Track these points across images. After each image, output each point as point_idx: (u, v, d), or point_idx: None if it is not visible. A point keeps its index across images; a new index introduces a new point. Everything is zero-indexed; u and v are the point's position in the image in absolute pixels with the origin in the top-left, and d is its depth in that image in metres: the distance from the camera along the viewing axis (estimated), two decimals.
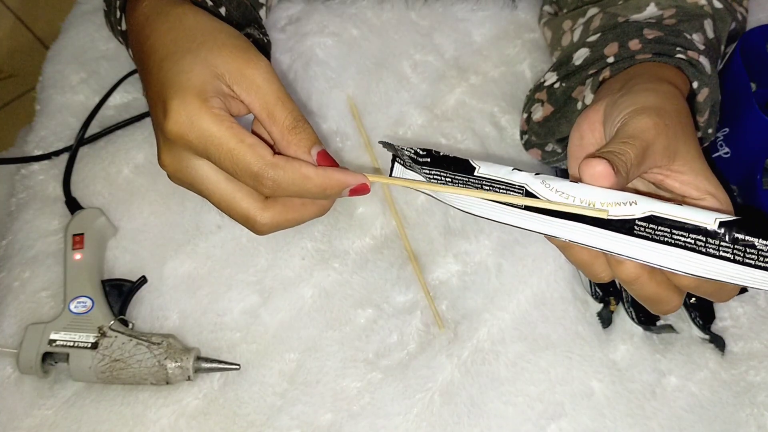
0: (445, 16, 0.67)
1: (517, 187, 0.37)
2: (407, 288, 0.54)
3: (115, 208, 0.57)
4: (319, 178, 0.39)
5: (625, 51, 0.47)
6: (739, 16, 0.54)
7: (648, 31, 0.48)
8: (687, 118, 0.41)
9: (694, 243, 0.33)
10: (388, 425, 0.49)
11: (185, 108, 0.38)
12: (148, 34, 0.43)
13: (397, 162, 0.42)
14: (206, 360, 0.50)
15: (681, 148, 0.38)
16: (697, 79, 0.46)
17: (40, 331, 0.50)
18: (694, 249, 0.33)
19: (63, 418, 0.49)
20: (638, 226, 0.34)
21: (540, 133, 0.53)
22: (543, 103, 0.53)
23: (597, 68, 0.49)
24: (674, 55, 0.46)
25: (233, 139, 0.38)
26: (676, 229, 0.33)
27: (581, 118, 0.43)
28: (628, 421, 0.49)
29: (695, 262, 0.33)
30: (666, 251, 0.33)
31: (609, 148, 0.36)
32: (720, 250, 0.32)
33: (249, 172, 0.38)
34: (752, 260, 0.32)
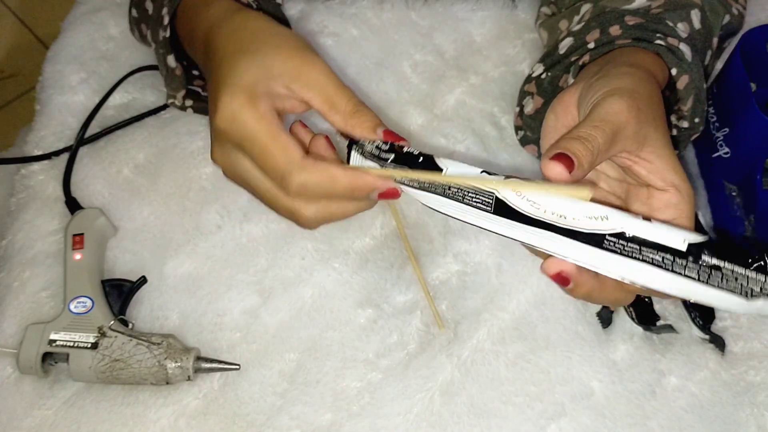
0: (445, 16, 0.67)
1: (487, 194, 0.37)
2: (407, 288, 0.54)
3: (115, 208, 0.57)
4: (347, 179, 0.40)
5: (605, 36, 0.47)
6: (735, 11, 0.54)
7: (629, 17, 0.48)
8: (659, 105, 0.41)
9: (662, 260, 0.33)
10: (388, 425, 0.49)
11: (231, 104, 0.40)
12: (213, 39, 0.45)
13: (354, 150, 0.42)
14: (206, 360, 0.50)
15: (651, 134, 0.39)
16: (676, 66, 0.45)
17: (40, 331, 0.50)
18: (661, 266, 0.33)
19: (63, 418, 0.49)
20: (608, 240, 0.34)
21: (533, 126, 0.54)
22: (533, 95, 0.53)
23: (579, 55, 0.49)
24: (653, 41, 0.46)
25: (267, 137, 0.40)
26: (646, 246, 0.34)
27: (556, 100, 0.44)
28: (627, 421, 0.49)
29: (661, 279, 0.33)
30: (634, 266, 0.34)
31: (578, 132, 0.37)
32: (686, 270, 0.33)
33: (277, 171, 0.40)
34: (715, 282, 0.33)
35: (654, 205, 0.40)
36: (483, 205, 0.37)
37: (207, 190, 0.58)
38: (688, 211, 0.39)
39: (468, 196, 0.37)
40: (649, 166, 0.39)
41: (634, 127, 0.38)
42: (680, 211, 0.39)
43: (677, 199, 0.39)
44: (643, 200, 0.41)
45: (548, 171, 0.35)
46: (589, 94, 0.41)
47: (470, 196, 0.37)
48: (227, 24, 0.45)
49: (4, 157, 0.60)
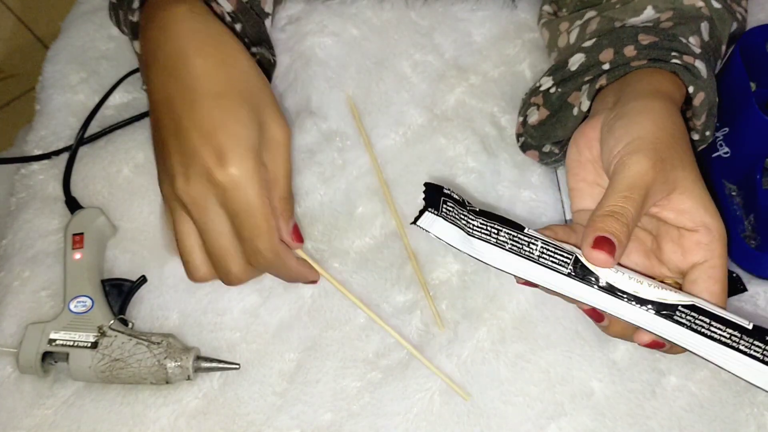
0: (445, 16, 0.67)
1: (567, 253, 0.38)
2: (407, 287, 0.54)
3: (115, 208, 0.57)
4: (296, 271, 0.48)
5: (620, 57, 0.47)
6: (739, 16, 0.54)
7: (643, 36, 0.47)
8: (683, 140, 0.42)
9: (729, 338, 0.34)
10: (388, 425, 0.49)
11: (243, 165, 0.42)
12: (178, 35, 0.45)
13: (429, 212, 0.41)
14: (206, 359, 0.50)
15: (679, 176, 0.39)
16: (693, 84, 0.46)
17: (40, 330, 0.50)
18: (728, 344, 0.34)
19: (63, 417, 0.49)
20: (680, 312, 0.35)
21: (535, 136, 0.53)
22: (538, 107, 0.53)
23: (593, 75, 0.49)
24: (669, 60, 0.46)
25: (262, 217, 0.43)
26: (715, 321, 0.35)
27: (578, 133, 0.44)
28: (627, 421, 0.49)
29: (725, 355, 0.34)
30: (701, 342, 0.35)
31: (611, 206, 0.37)
32: (751, 348, 0.34)
33: (255, 247, 0.44)
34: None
35: (685, 246, 0.40)
36: (559, 266, 0.37)
37: None
38: (720, 249, 0.39)
39: (545, 255, 0.38)
40: (679, 206, 0.39)
41: (661, 179, 0.38)
42: (712, 251, 0.39)
43: (708, 239, 0.39)
44: (675, 240, 0.41)
45: (592, 259, 0.36)
46: (610, 141, 0.41)
47: (547, 254, 0.38)
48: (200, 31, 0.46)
49: (3, 157, 0.60)
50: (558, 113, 0.51)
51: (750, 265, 0.54)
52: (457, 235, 0.39)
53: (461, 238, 0.39)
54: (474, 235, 0.39)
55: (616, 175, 0.39)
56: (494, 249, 0.38)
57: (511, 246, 0.38)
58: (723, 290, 0.39)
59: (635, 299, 0.36)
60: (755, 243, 0.55)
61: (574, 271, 0.37)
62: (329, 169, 0.59)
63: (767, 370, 0.33)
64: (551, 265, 0.37)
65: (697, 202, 0.39)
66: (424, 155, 0.60)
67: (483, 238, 0.39)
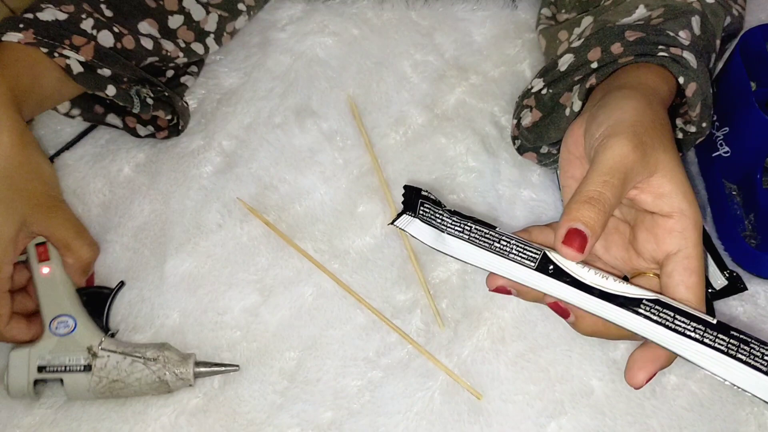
0: (445, 16, 0.67)
1: (536, 249, 0.38)
2: (407, 287, 0.54)
3: (116, 207, 0.57)
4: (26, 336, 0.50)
5: (608, 55, 0.47)
6: (735, 12, 0.54)
7: (630, 33, 0.47)
8: (664, 126, 0.41)
9: (693, 330, 0.34)
10: (388, 423, 0.49)
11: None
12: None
13: (407, 214, 0.42)
14: (205, 364, 0.50)
15: (660, 158, 0.39)
16: (683, 74, 0.45)
17: (26, 357, 0.48)
18: (691, 337, 0.34)
19: (63, 416, 0.49)
20: (645, 305, 0.35)
21: (530, 138, 0.54)
22: (531, 108, 0.53)
23: (582, 74, 0.49)
24: (656, 54, 0.46)
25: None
26: (680, 315, 0.35)
27: (567, 132, 0.44)
28: (627, 420, 0.49)
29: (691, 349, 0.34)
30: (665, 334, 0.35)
31: (588, 192, 0.37)
32: (716, 341, 0.34)
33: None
34: (743, 356, 0.33)
35: (659, 235, 0.39)
36: (527, 261, 0.38)
37: (207, 189, 0.58)
38: (695, 238, 0.38)
39: (514, 251, 0.38)
40: (657, 191, 0.38)
41: (642, 163, 0.38)
42: (686, 239, 0.38)
43: (682, 226, 0.38)
44: (649, 228, 0.40)
45: (562, 254, 0.36)
46: (592, 127, 0.41)
47: (516, 251, 0.38)
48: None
49: None
50: (551, 114, 0.51)
51: (750, 265, 0.54)
52: (431, 234, 0.41)
53: (435, 236, 0.41)
54: (447, 231, 0.40)
55: (597, 158, 0.38)
56: (466, 245, 0.40)
57: (482, 242, 0.39)
58: (700, 282, 0.38)
59: (599, 293, 0.36)
60: (755, 242, 0.55)
61: (541, 266, 0.37)
62: (330, 168, 0.59)
63: (731, 363, 0.33)
64: (519, 260, 0.38)
65: (677, 186, 0.38)
66: (424, 155, 0.60)
67: (455, 234, 0.40)
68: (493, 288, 0.40)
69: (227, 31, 0.62)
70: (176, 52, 0.58)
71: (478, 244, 0.39)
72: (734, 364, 0.33)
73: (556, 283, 0.37)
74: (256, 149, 0.60)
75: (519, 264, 0.38)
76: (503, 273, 0.38)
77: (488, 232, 0.39)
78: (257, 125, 0.61)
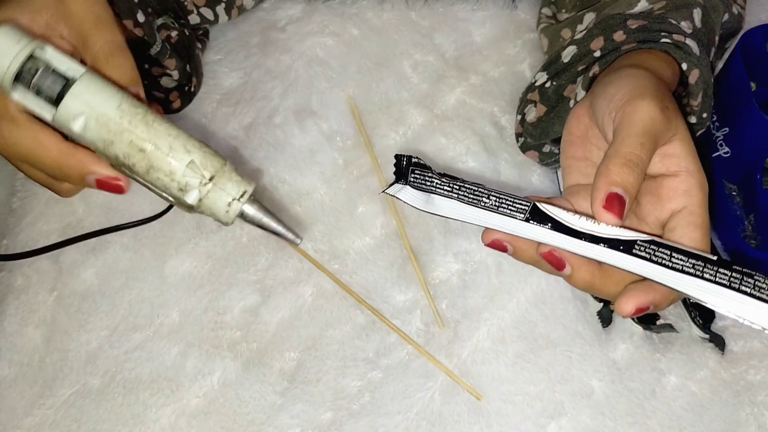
0: (445, 16, 0.67)
1: (525, 202, 0.38)
2: (407, 287, 0.54)
3: (116, 207, 0.57)
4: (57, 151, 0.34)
5: (610, 44, 0.47)
6: (735, 10, 0.54)
7: (632, 21, 0.47)
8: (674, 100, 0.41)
9: (692, 267, 0.33)
10: (388, 424, 0.49)
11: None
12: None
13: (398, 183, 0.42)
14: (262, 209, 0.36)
15: (680, 125, 0.38)
16: (686, 61, 0.45)
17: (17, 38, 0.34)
18: (691, 273, 0.33)
19: (63, 417, 0.49)
20: (639, 246, 0.34)
21: (534, 134, 0.53)
22: (536, 103, 0.53)
23: (585, 64, 0.49)
24: (659, 40, 0.45)
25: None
26: (677, 253, 0.34)
27: (570, 115, 0.44)
28: (627, 420, 0.49)
29: (691, 284, 0.33)
30: (663, 273, 0.34)
31: (626, 154, 0.35)
32: (717, 277, 0.33)
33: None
34: (747, 289, 0.32)
35: (662, 194, 0.38)
36: (517, 213, 0.37)
37: None
38: (701, 197, 0.37)
39: (503, 205, 0.38)
40: (666, 152, 0.38)
41: (667, 127, 0.37)
42: (691, 197, 0.37)
43: (687, 185, 0.37)
44: (652, 191, 0.39)
45: (602, 218, 0.35)
46: (601, 101, 0.40)
47: (506, 204, 0.38)
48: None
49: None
50: (555, 108, 0.51)
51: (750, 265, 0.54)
52: (421, 198, 0.40)
53: (425, 199, 0.40)
54: (436, 192, 0.40)
55: (626, 119, 0.37)
56: (455, 203, 0.39)
57: (470, 199, 0.39)
58: (704, 237, 0.36)
59: (592, 238, 0.35)
60: (755, 243, 0.55)
61: (531, 216, 0.37)
62: (330, 168, 0.59)
63: (735, 296, 0.32)
64: (509, 213, 0.37)
65: (686, 149, 0.37)
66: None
67: (444, 194, 0.39)
68: (489, 242, 0.38)
69: (236, 4, 0.61)
70: (191, 5, 0.57)
71: (467, 201, 0.39)
72: (738, 296, 0.32)
73: (548, 231, 0.36)
74: (256, 149, 0.60)
75: (509, 217, 0.37)
76: (494, 227, 0.38)
77: (477, 189, 0.39)
78: (257, 125, 0.61)
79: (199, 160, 0.34)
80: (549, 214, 0.37)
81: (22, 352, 0.51)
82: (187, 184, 0.34)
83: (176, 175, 0.34)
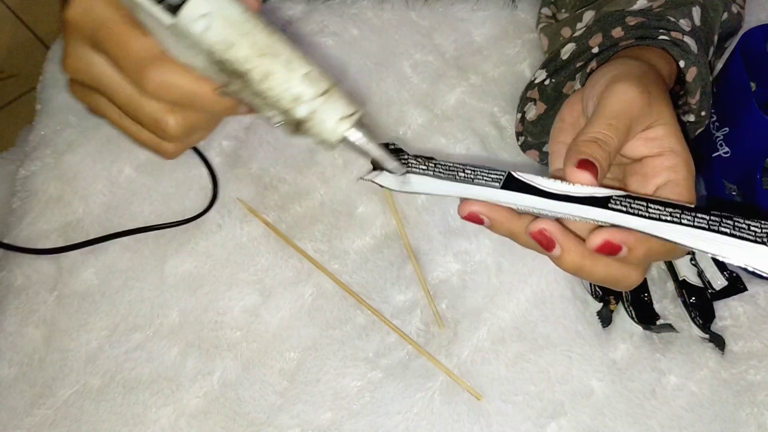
0: (445, 16, 0.67)
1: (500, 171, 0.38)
2: (407, 287, 0.54)
3: (116, 207, 0.57)
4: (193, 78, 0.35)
5: (608, 40, 0.47)
6: (734, 9, 0.54)
7: (630, 18, 0.48)
8: (665, 90, 0.40)
9: (669, 215, 0.33)
10: (388, 424, 0.49)
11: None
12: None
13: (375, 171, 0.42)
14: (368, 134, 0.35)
15: (663, 110, 0.38)
16: (683, 58, 0.45)
17: None
18: (668, 221, 0.33)
19: (63, 417, 0.49)
20: (615, 200, 0.34)
21: (534, 132, 0.53)
22: (535, 101, 0.53)
23: (583, 60, 0.49)
24: (657, 37, 0.45)
25: (124, 24, 0.34)
26: (653, 203, 0.34)
27: (563, 104, 0.44)
28: (627, 420, 0.49)
29: (669, 230, 0.33)
30: (640, 223, 0.34)
31: (594, 133, 0.36)
32: (695, 222, 0.33)
33: (134, 63, 0.34)
34: (727, 229, 0.32)
35: (647, 172, 0.37)
36: (493, 182, 0.37)
37: (208, 189, 0.58)
38: (686, 172, 0.37)
39: (479, 176, 0.38)
40: (648, 136, 0.38)
41: (646, 111, 0.37)
42: (676, 173, 0.37)
43: (673, 162, 0.37)
44: (638, 171, 0.38)
45: (575, 178, 0.35)
46: (588, 87, 0.40)
47: (481, 175, 0.38)
48: None
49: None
50: (555, 106, 0.51)
51: None
52: (397, 179, 0.40)
53: (401, 180, 0.40)
54: (412, 171, 0.40)
55: (603, 101, 0.37)
56: (430, 179, 0.39)
57: (446, 174, 0.39)
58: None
59: (567, 198, 0.35)
60: None
61: (506, 184, 0.37)
62: (329, 168, 0.59)
63: (716, 237, 0.32)
64: (485, 183, 0.37)
65: (670, 132, 0.38)
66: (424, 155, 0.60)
67: (420, 172, 0.39)
68: (465, 215, 0.37)
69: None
70: None
71: (442, 177, 0.39)
72: (718, 237, 0.32)
73: (523, 195, 0.36)
74: (256, 149, 0.60)
75: (485, 186, 0.37)
76: (470, 196, 0.37)
77: (452, 165, 0.39)
78: (257, 125, 0.61)
79: (315, 73, 0.33)
80: (524, 181, 0.36)
81: (22, 352, 0.51)
82: (301, 95, 0.33)
83: (292, 84, 0.33)
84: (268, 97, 0.33)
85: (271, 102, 0.33)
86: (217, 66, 0.33)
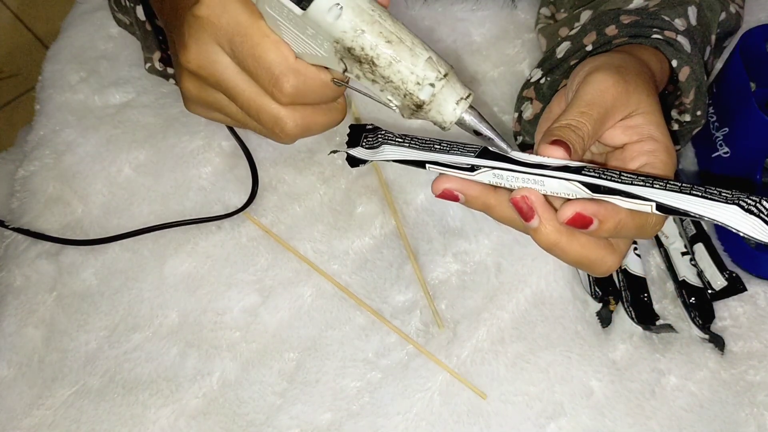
0: (444, 16, 0.67)
1: (476, 145, 0.38)
2: (407, 287, 0.54)
3: (116, 207, 0.57)
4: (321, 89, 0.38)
5: (602, 38, 0.47)
6: (732, 9, 0.54)
7: (625, 16, 0.48)
8: (651, 79, 0.41)
9: (642, 182, 0.34)
10: (388, 424, 0.49)
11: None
12: None
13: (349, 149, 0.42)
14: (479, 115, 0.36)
15: (643, 100, 0.38)
16: (676, 57, 0.45)
17: None
18: (640, 185, 0.34)
19: (62, 417, 0.49)
20: (588, 169, 0.35)
21: (531, 131, 0.53)
22: (532, 100, 0.53)
23: (578, 58, 0.49)
24: (650, 36, 0.46)
25: (259, 33, 0.36)
26: (625, 172, 0.34)
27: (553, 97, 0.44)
28: (627, 421, 0.49)
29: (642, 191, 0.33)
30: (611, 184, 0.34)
31: (568, 120, 0.36)
32: (667, 186, 0.33)
33: (269, 72, 0.36)
34: (699, 192, 0.33)
35: (626, 157, 0.38)
36: (469, 152, 0.37)
37: (207, 190, 0.58)
38: (665, 157, 0.37)
39: (455, 148, 0.38)
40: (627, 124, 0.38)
41: (623, 101, 0.37)
42: (655, 157, 0.37)
43: (652, 147, 0.37)
44: (618, 157, 0.39)
45: (548, 153, 0.35)
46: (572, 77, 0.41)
47: (457, 147, 0.38)
48: None
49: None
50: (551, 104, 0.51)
51: (750, 265, 0.54)
52: (370, 151, 0.40)
53: (373, 151, 0.40)
54: (387, 143, 0.40)
55: (578, 91, 0.38)
56: (405, 149, 0.39)
57: (423, 147, 0.39)
58: None
59: (541, 167, 0.35)
60: (755, 243, 0.55)
61: (482, 155, 0.37)
62: (329, 168, 0.59)
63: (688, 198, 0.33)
64: (460, 152, 0.37)
65: (650, 120, 0.38)
66: None
67: (395, 143, 0.40)
68: (439, 193, 0.37)
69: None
70: None
71: (417, 149, 0.39)
72: (692, 198, 0.33)
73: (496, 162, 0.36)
74: (255, 149, 0.60)
75: (460, 155, 0.37)
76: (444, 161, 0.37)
77: (429, 139, 0.39)
78: None
79: (435, 58, 0.36)
80: (499, 153, 0.37)
81: (22, 352, 0.51)
82: (425, 78, 0.35)
83: (417, 68, 0.35)
84: (393, 81, 0.35)
85: (395, 85, 0.35)
86: (342, 53, 0.35)
